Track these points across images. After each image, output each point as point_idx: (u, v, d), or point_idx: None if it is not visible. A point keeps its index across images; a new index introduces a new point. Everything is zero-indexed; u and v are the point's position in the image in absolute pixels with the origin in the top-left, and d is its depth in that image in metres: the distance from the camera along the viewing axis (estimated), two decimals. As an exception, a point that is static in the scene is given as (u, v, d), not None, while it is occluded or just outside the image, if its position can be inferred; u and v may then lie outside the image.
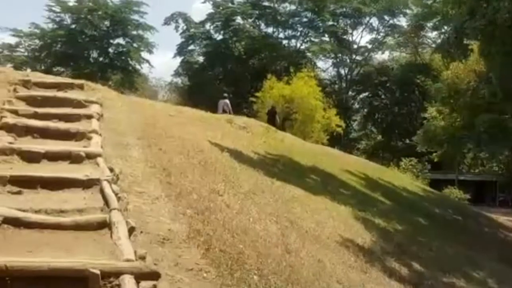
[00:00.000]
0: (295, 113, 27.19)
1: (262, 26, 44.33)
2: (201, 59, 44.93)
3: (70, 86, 9.02)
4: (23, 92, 8.15)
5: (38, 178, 4.86)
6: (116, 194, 4.67)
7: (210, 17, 42.45)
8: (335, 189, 11.46)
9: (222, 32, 42.90)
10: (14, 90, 8.09)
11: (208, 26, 43.24)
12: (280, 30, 44.25)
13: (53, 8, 36.27)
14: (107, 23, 36.81)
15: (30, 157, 5.52)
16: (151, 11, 49.36)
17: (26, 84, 8.51)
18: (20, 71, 16.43)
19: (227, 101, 20.99)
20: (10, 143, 5.78)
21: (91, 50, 37.38)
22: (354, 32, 46.59)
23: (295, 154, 13.85)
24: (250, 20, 42.95)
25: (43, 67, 33.43)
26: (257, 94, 28.62)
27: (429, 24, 41.57)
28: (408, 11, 43.73)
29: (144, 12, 37.73)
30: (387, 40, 47.13)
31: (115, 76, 38.02)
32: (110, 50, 38.22)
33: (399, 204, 13.23)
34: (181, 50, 43.64)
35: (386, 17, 45.45)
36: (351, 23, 45.81)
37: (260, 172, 9.51)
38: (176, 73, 45.48)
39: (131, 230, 4.02)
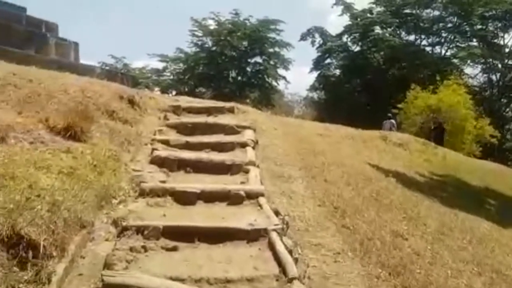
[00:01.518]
0: (444, 124, 24.76)
1: (403, 34, 41.73)
2: (337, 72, 43.63)
3: (220, 110, 8.36)
4: (173, 119, 7.65)
5: (195, 229, 4.00)
6: (289, 252, 3.64)
7: (348, 29, 40.91)
8: (521, 217, 9.60)
9: (360, 43, 41.14)
10: (165, 117, 7.64)
11: (345, 38, 41.74)
12: (423, 37, 41.31)
13: (196, 33, 37.47)
14: (245, 43, 37.08)
15: (184, 198, 4.72)
16: (287, 27, 49.09)
17: (176, 110, 8.03)
18: (169, 96, 16.52)
19: (393, 121, 20.40)
20: (162, 181, 5.08)
21: (230, 70, 37.88)
22: (506, 35, 42.06)
23: (461, 173, 12.28)
24: (389, 29, 40.69)
25: (186, 89, 34.53)
26: (399, 105, 26.48)
27: None
28: None
29: (281, 30, 37.43)
30: (544, 43, 41.83)
31: (253, 94, 38.18)
32: (248, 69, 38.46)
33: None
34: (318, 64, 42.69)
35: (542, 18, 40.38)
36: (501, 26, 41.43)
37: (435, 200, 8.11)
38: (312, 88, 44.68)
39: (322, 314, 2.94)
